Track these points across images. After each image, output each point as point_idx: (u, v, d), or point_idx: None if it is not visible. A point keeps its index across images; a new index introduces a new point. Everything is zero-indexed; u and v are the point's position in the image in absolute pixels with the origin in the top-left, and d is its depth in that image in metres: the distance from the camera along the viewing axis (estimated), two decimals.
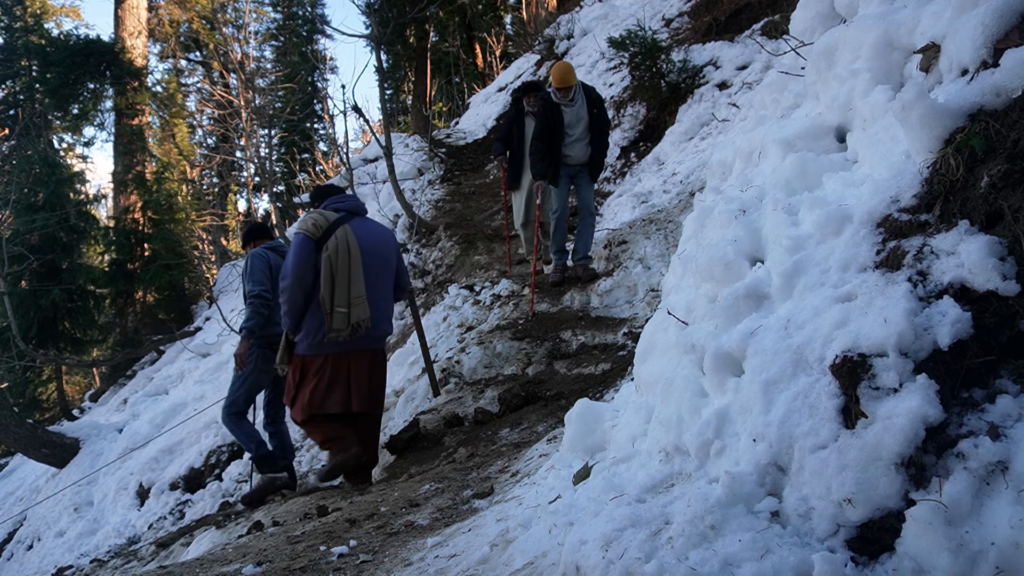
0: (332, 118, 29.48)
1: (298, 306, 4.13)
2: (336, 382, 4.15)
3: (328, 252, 4.05)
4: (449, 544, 2.71)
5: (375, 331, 4.25)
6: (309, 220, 4.17)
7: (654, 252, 6.29)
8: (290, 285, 4.09)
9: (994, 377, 1.67)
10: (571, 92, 6.35)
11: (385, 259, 4.33)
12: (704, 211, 2.79)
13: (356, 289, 4.04)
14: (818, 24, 3.29)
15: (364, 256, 4.14)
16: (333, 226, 4.12)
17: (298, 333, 4.20)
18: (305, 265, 4.07)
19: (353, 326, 4.06)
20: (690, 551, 1.74)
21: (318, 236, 4.10)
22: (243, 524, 4.46)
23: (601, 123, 6.58)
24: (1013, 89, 1.83)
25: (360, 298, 4.05)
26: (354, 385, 4.19)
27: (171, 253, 15.94)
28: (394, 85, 22.38)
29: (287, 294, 4.13)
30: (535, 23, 18.20)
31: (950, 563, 1.48)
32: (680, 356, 2.42)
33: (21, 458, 12.08)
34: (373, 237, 4.31)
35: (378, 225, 4.57)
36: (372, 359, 4.31)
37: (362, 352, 4.24)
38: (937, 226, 1.86)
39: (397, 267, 4.51)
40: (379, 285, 4.25)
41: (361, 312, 4.05)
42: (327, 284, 4.02)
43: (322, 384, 4.16)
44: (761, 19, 8.93)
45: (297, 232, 4.17)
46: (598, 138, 6.56)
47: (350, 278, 4.03)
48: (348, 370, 4.18)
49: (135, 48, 19.16)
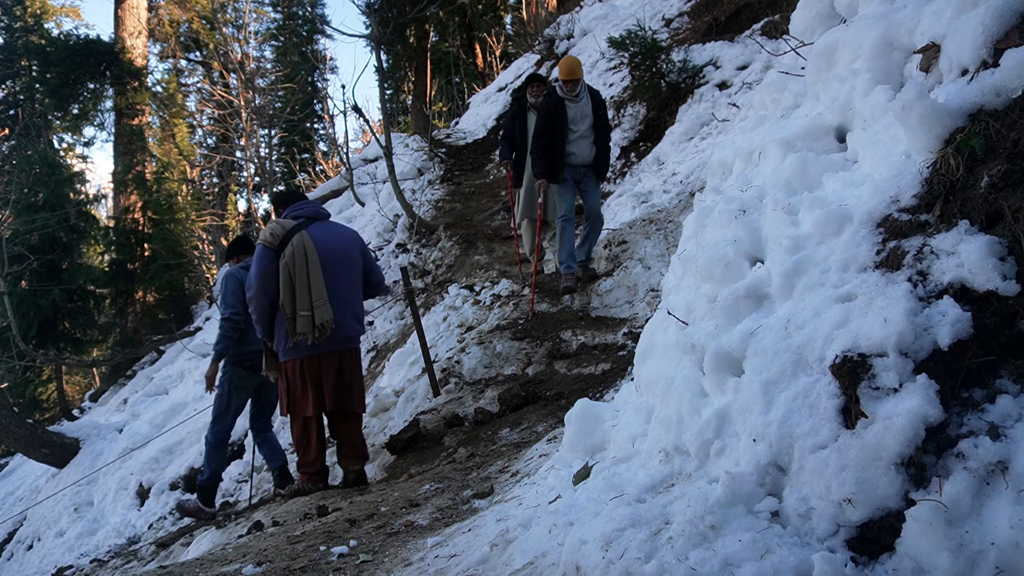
0: (332, 118, 29.51)
1: (266, 314, 4.27)
2: (309, 384, 4.27)
3: (285, 259, 4.17)
4: (449, 544, 2.72)
5: (342, 332, 4.34)
6: (267, 230, 4.31)
7: (654, 252, 6.29)
8: (255, 295, 4.24)
9: (994, 377, 1.67)
10: (578, 87, 6.25)
11: (348, 260, 4.41)
12: (704, 211, 2.79)
13: (317, 292, 4.14)
14: (818, 24, 3.29)
15: (323, 259, 4.24)
16: (290, 234, 4.24)
17: (274, 341, 4.33)
18: (266, 274, 4.21)
19: (318, 328, 4.16)
20: (690, 551, 1.74)
21: (276, 244, 4.23)
22: (243, 524, 4.46)
23: (605, 123, 6.49)
24: (1013, 89, 1.83)
25: (321, 300, 4.15)
26: (326, 386, 4.29)
27: (171, 253, 15.95)
28: (394, 85, 22.39)
29: (253, 303, 4.29)
30: (535, 23, 18.20)
31: (950, 563, 1.48)
32: (680, 356, 2.42)
33: (21, 458, 12.08)
34: (333, 240, 4.39)
35: (340, 227, 4.65)
36: (342, 359, 4.39)
37: (332, 353, 4.34)
38: (937, 226, 1.86)
39: (365, 266, 4.57)
40: (342, 286, 4.34)
41: (324, 314, 4.15)
42: (287, 290, 4.15)
43: (297, 388, 4.30)
44: (761, 19, 8.93)
45: (258, 243, 4.31)
46: (602, 139, 6.44)
47: (309, 282, 4.14)
48: (319, 372, 4.29)
49: (135, 48, 19.17)
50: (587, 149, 6.37)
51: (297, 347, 4.22)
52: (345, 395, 4.41)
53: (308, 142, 24.83)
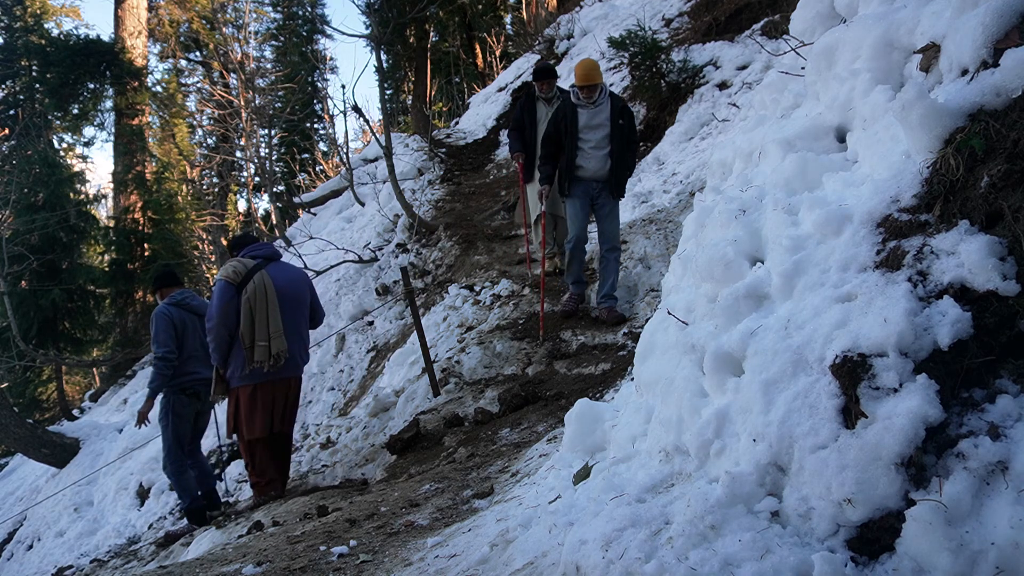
0: (332, 118, 29.51)
1: (224, 343, 4.67)
2: (260, 408, 4.68)
3: (247, 295, 4.61)
4: (449, 544, 2.72)
5: (293, 361, 4.81)
6: (230, 267, 4.73)
7: (654, 252, 6.29)
8: (215, 326, 4.64)
9: (994, 377, 1.67)
10: (595, 93, 5.65)
11: (299, 298, 4.89)
12: (704, 211, 2.79)
13: (274, 325, 4.60)
14: (818, 24, 3.29)
15: (280, 296, 4.70)
16: (251, 272, 4.69)
17: (227, 368, 4.72)
18: (227, 307, 4.62)
19: (274, 357, 4.62)
20: (690, 551, 1.74)
21: (238, 281, 4.66)
22: (243, 524, 4.46)
23: (628, 136, 5.77)
24: (1013, 89, 1.83)
25: (278, 332, 4.62)
26: (276, 409, 4.75)
27: (171, 253, 15.96)
28: (394, 85, 22.40)
29: (213, 333, 4.67)
30: (535, 23, 18.20)
31: (950, 563, 1.48)
32: (680, 356, 2.42)
33: (21, 458, 12.08)
34: (287, 279, 4.88)
35: (292, 267, 5.19)
36: (289, 386, 4.86)
37: (283, 380, 4.79)
38: (937, 226, 1.86)
39: (312, 303, 5.08)
40: (294, 321, 4.81)
41: (279, 344, 4.62)
42: (247, 322, 4.58)
43: (248, 410, 4.69)
44: (761, 19, 8.93)
45: (219, 279, 4.72)
46: (621, 152, 5.73)
47: (268, 316, 4.60)
48: (272, 396, 4.72)
49: (135, 48, 19.18)
50: (600, 162, 5.72)
51: (252, 374, 4.64)
52: (289, 418, 4.90)
53: (308, 142, 24.84)
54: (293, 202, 18.14)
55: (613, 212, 5.89)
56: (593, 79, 5.63)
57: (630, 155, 5.90)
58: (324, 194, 15.33)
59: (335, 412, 7.64)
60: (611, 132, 5.70)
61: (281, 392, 4.75)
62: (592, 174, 5.77)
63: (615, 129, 5.70)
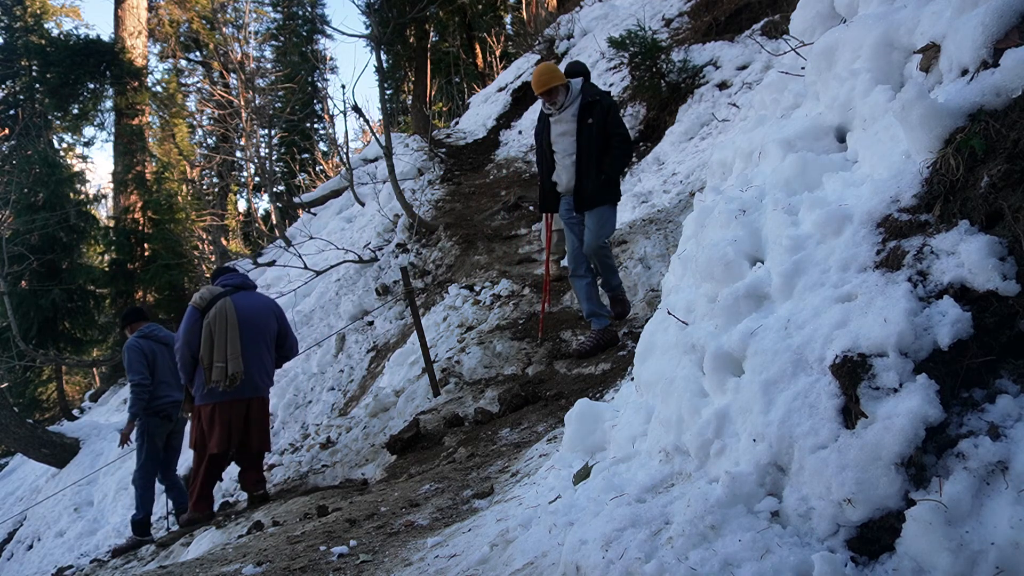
0: (332, 118, 29.51)
1: (188, 363, 5.06)
2: (219, 426, 4.98)
3: (209, 319, 4.98)
4: (449, 544, 2.72)
5: (251, 382, 5.08)
6: (198, 295, 5.14)
7: (654, 252, 6.29)
8: (181, 347, 5.04)
9: (994, 377, 1.67)
10: (559, 97, 5.16)
11: (262, 326, 5.21)
12: (704, 211, 2.78)
13: (232, 348, 4.93)
14: (818, 24, 3.29)
15: (241, 322, 5.03)
16: (216, 298, 5.07)
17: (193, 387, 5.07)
18: (192, 329, 5.00)
19: (230, 377, 4.92)
20: (690, 551, 1.74)
21: (203, 306, 5.04)
22: (243, 524, 4.46)
23: (601, 133, 5.09)
24: (1013, 89, 1.83)
25: (235, 355, 4.93)
26: (233, 428, 5.02)
27: (171, 253, 15.96)
28: (394, 85, 22.40)
29: (179, 353, 5.07)
30: (535, 23, 18.20)
31: (950, 563, 1.48)
32: (680, 356, 2.42)
33: (21, 458, 12.08)
34: (252, 307, 5.20)
35: (262, 297, 5.50)
36: (249, 406, 5.13)
37: (241, 401, 5.07)
38: (937, 226, 1.86)
39: (280, 330, 5.37)
40: (255, 346, 5.11)
41: (235, 366, 4.92)
42: (207, 344, 4.94)
43: (208, 428, 5.01)
44: (761, 19, 8.93)
45: (189, 305, 5.12)
46: (589, 154, 5.09)
47: (227, 339, 4.93)
48: (230, 415, 5.01)
49: (135, 48, 19.18)
50: (569, 172, 5.21)
51: (211, 393, 4.97)
52: (248, 436, 5.14)
53: (308, 142, 24.85)
54: (293, 202, 18.15)
55: (591, 225, 5.19)
56: (549, 83, 5.16)
57: (610, 155, 5.15)
58: (324, 194, 15.34)
59: (335, 412, 7.64)
60: (577, 137, 5.13)
61: (239, 412, 5.05)
62: (565, 187, 5.28)
63: (581, 130, 5.13)
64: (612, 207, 5.28)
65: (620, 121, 5.25)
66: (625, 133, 5.22)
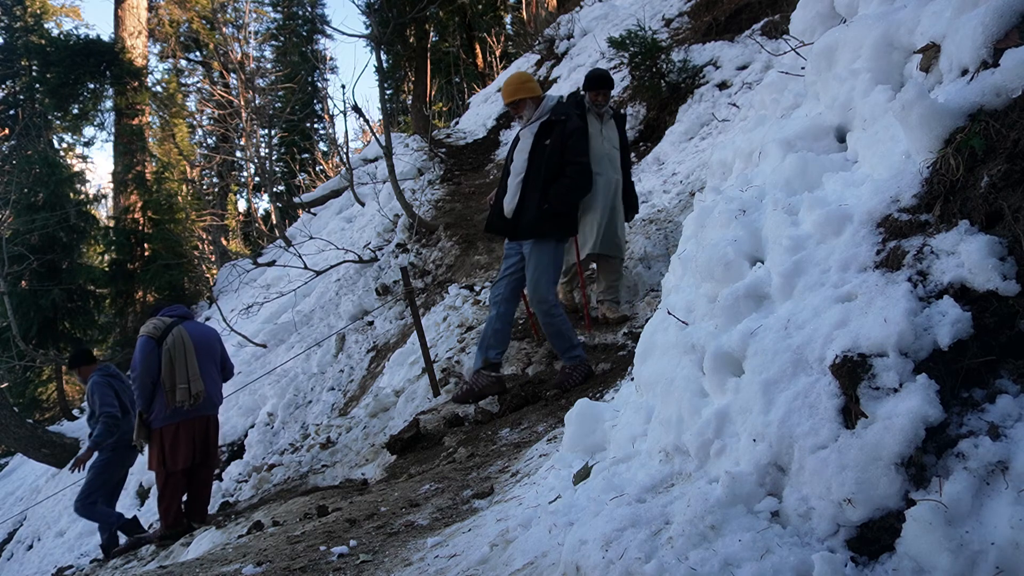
0: (332, 118, 29.52)
1: (147, 390, 5.34)
2: (184, 442, 5.34)
3: (167, 346, 5.32)
4: (449, 544, 2.72)
5: (210, 400, 5.50)
6: (150, 325, 5.47)
7: (654, 252, 6.29)
8: (139, 375, 5.31)
9: (994, 377, 1.67)
10: (522, 111, 4.80)
11: (211, 350, 5.64)
12: (704, 211, 2.78)
13: (192, 370, 5.33)
14: (818, 24, 3.29)
15: (195, 347, 5.43)
16: (169, 327, 5.42)
17: (150, 413, 5.37)
18: (150, 358, 5.31)
19: (194, 396, 5.30)
20: (690, 551, 1.74)
21: (158, 335, 5.37)
22: (243, 524, 4.46)
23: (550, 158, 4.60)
24: (1013, 89, 1.83)
25: (196, 376, 5.34)
26: (197, 443, 5.42)
27: (171, 253, 15.96)
28: (394, 85, 22.39)
29: (138, 381, 5.33)
30: (535, 23, 18.21)
31: (950, 563, 1.48)
32: (680, 356, 2.42)
33: (21, 458, 12.08)
34: (200, 333, 5.62)
35: (203, 325, 5.95)
36: (207, 423, 5.52)
37: (203, 417, 5.46)
38: (937, 226, 1.86)
39: (221, 356, 5.78)
40: (208, 368, 5.53)
41: (198, 386, 5.33)
42: (167, 369, 5.28)
43: (172, 445, 5.33)
44: (761, 19, 8.93)
45: (141, 335, 5.43)
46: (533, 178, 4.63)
47: (187, 363, 5.32)
48: (193, 432, 5.39)
49: (135, 48, 19.18)
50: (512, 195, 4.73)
51: (175, 413, 5.31)
52: (210, 451, 5.54)
53: (308, 142, 24.85)
54: (293, 202, 18.16)
55: (527, 267, 4.73)
56: (512, 95, 4.76)
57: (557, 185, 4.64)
58: (324, 194, 15.34)
59: (335, 412, 7.64)
60: (529, 154, 4.67)
61: (201, 428, 5.45)
62: (508, 210, 4.79)
63: (534, 151, 4.65)
64: (555, 246, 4.75)
65: (582, 149, 4.78)
66: (583, 164, 4.75)
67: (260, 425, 7.94)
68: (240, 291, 13.63)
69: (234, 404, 8.49)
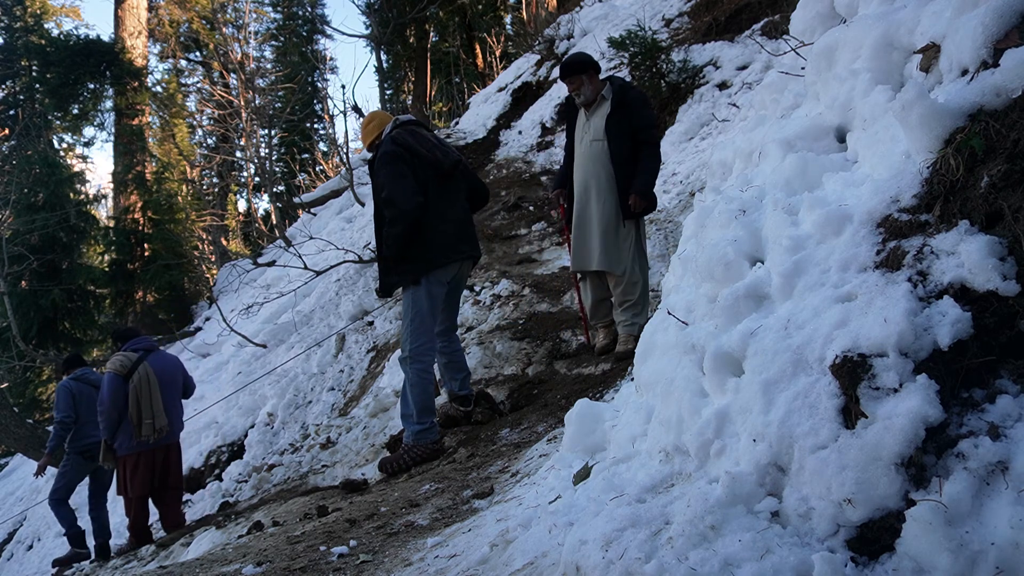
0: (332, 118, 29.53)
1: (113, 422, 5.80)
2: (143, 471, 5.82)
3: (134, 383, 5.75)
4: (449, 544, 2.72)
5: (172, 432, 5.98)
6: (117, 361, 5.85)
7: (654, 252, 6.29)
8: (107, 410, 5.75)
9: (994, 377, 1.67)
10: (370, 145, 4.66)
11: (174, 381, 6.09)
12: (704, 211, 2.78)
13: (156, 406, 5.79)
14: (818, 24, 3.28)
15: (160, 382, 5.86)
16: (136, 364, 5.84)
17: (115, 441, 5.86)
18: (117, 394, 5.74)
19: (157, 431, 5.78)
20: (690, 551, 1.74)
21: (124, 373, 5.78)
22: (243, 524, 4.46)
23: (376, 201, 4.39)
24: (1013, 89, 1.83)
25: (160, 412, 5.80)
26: (157, 470, 5.90)
27: (171, 253, 15.97)
28: (394, 85, 22.40)
29: (105, 416, 5.77)
30: (535, 23, 18.20)
31: (950, 563, 1.48)
32: (680, 356, 2.42)
33: (21, 458, 12.08)
34: (164, 366, 6.03)
35: (168, 355, 6.42)
36: (167, 452, 6.01)
37: (162, 448, 5.93)
38: (937, 226, 1.86)
39: (185, 380, 6.27)
40: (172, 400, 6.01)
41: (161, 421, 5.81)
42: (134, 405, 5.72)
43: (133, 473, 5.81)
44: (761, 19, 8.93)
45: (108, 371, 5.84)
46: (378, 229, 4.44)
47: (151, 399, 5.76)
48: (153, 461, 5.88)
49: (135, 48, 19.18)
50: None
51: (139, 444, 5.78)
52: (167, 476, 6.00)
53: (308, 142, 24.85)
54: (293, 202, 18.16)
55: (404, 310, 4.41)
56: (365, 139, 4.62)
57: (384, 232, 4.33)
58: (324, 194, 15.34)
59: (335, 412, 7.64)
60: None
61: (160, 456, 5.92)
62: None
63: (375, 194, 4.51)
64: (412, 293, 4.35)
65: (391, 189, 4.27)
66: (389, 206, 4.26)
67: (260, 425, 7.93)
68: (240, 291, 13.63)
69: (234, 404, 8.50)
